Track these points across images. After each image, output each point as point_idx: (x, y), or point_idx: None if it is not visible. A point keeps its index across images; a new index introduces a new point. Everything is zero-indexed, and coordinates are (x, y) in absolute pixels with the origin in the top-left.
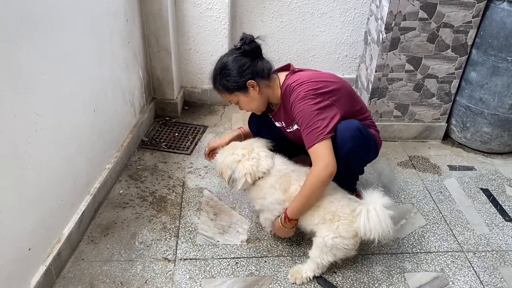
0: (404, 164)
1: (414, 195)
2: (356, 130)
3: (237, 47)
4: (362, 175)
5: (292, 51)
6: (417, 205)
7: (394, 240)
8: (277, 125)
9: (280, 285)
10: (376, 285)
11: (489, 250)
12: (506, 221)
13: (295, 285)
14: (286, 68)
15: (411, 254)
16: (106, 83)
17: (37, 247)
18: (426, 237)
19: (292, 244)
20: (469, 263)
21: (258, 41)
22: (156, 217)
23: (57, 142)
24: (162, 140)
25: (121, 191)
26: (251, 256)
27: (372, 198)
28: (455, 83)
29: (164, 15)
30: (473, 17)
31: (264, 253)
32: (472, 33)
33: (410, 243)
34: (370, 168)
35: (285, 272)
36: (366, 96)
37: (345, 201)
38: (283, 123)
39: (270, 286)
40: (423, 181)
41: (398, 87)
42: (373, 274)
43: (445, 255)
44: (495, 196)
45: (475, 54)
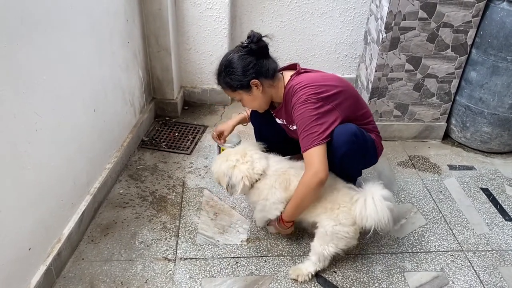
0: (404, 164)
1: (414, 194)
2: (352, 135)
3: (244, 44)
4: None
5: (292, 51)
6: (417, 204)
7: (394, 239)
8: (279, 122)
9: (280, 284)
10: (376, 285)
11: (489, 249)
12: (506, 220)
13: (296, 283)
14: (292, 67)
15: (411, 254)
16: (106, 83)
17: (37, 247)
18: (426, 236)
19: (292, 243)
20: (469, 262)
21: (266, 39)
22: (156, 216)
23: (57, 142)
24: (162, 140)
25: (121, 191)
26: (251, 255)
27: (371, 188)
28: (455, 82)
29: (164, 15)
30: (473, 16)
31: (264, 252)
32: (472, 32)
33: (410, 242)
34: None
35: (285, 271)
36: (366, 96)
37: (345, 190)
38: (284, 121)
39: (270, 286)
40: (423, 180)
41: (398, 86)
42: (373, 274)
43: (445, 255)
44: (495, 195)
45: (475, 54)
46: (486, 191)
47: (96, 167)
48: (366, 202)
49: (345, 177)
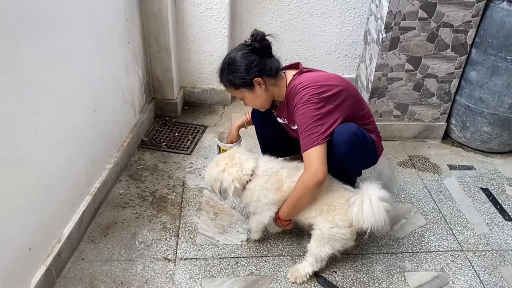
0: (404, 164)
1: (414, 194)
2: (352, 134)
3: (247, 43)
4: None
5: (292, 51)
6: (417, 204)
7: (394, 239)
8: (280, 121)
9: (280, 284)
10: (376, 285)
11: (489, 249)
12: (506, 220)
13: (295, 285)
14: (295, 66)
15: (411, 254)
16: (106, 83)
17: (38, 247)
18: (426, 236)
19: (292, 243)
20: (469, 262)
21: (269, 38)
22: (156, 217)
23: (57, 142)
24: (162, 140)
25: (121, 191)
26: (251, 255)
27: (368, 189)
28: (454, 82)
29: (164, 15)
30: (472, 16)
31: (264, 252)
32: (471, 32)
33: (410, 242)
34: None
35: (285, 271)
36: (366, 95)
37: (340, 191)
38: (286, 120)
39: (270, 286)
40: (423, 180)
41: (398, 86)
42: (373, 274)
43: (445, 255)
44: (495, 195)
45: (475, 54)
46: (486, 191)
47: (96, 167)
48: (362, 204)
49: (344, 177)
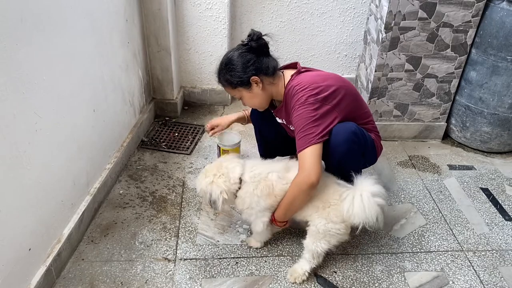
0: (404, 164)
1: (414, 194)
2: (351, 133)
3: (244, 43)
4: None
5: (292, 51)
6: (417, 204)
7: (394, 239)
8: (279, 121)
9: (280, 284)
10: (376, 285)
11: (489, 249)
12: (506, 220)
13: (295, 285)
14: (293, 66)
15: (411, 254)
16: (106, 83)
17: (37, 248)
18: (426, 236)
19: (292, 244)
20: (469, 262)
21: (266, 38)
22: (156, 217)
23: (57, 142)
24: (162, 140)
25: (121, 191)
26: (251, 256)
27: (362, 184)
28: (454, 82)
29: (163, 15)
30: (472, 16)
31: (264, 253)
32: (471, 32)
33: (410, 242)
34: (369, 167)
35: (285, 272)
36: (365, 95)
37: (334, 187)
38: (284, 120)
39: (270, 286)
40: (423, 180)
41: (398, 86)
42: (373, 274)
43: (445, 255)
44: (494, 195)
45: (475, 54)
46: (486, 191)
47: (96, 167)
48: (354, 200)
49: (343, 176)
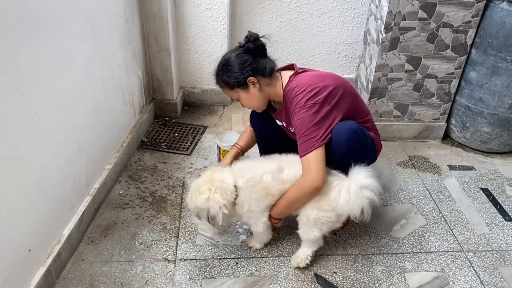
0: (404, 164)
1: (414, 195)
2: (352, 132)
3: (241, 44)
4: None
5: (292, 51)
6: (417, 205)
7: (394, 239)
8: (278, 123)
9: (280, 285)
10: (376, 285)
11: (489, 249)
12: (506, 220)
13: (296, 283)
14: (290, 67)
15: (411, 254)
16: (106, 83)
17: (37, 248)
18: (426, 237)
19: (293, 244)
20: (469, 263)
21: (263, 40)
22: (156, 217)
23: (56, 143)
24: (161, 141)
25: (121, 192)
26: (251, 256)
27: (354, 176)
28: (454, 82)
29: (163, 15)
30: (472, 17)
31: (264, 253)
32: (471, 32)
33: (410, 243)
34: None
35: (285, 272)
36: (365, 96)
37: (329, 179)
38: (284, 123)
39: (270, 286)
40: (423, 181)
41: (398, 87)
42: (373, 274)
43: (445, 255)
44: (495, 195)
45: (475, 54)
46: (486, 191)
47: (96, 167)
48: (341, 191)
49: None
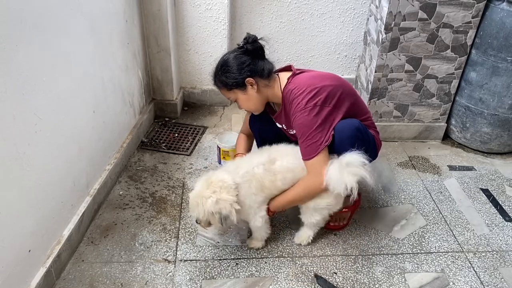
0: (404, 165)
1: (414, 195)
2: (355, 129)
3: (240, 45)
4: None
5: (292, 52)
6: (417, 205)
7: (394, 240)
8: (278, 126)
9: (281, 286)
10: (376, 286)
11: (489, 250)
12: (506, 221)
13: (297, 283)
14: (287, 69)
15: (411, 255)
16: (106, 84)
17: (37, 249)
18: (426, 237)
19: (292, 245)
20: (470, 263)
21: (262, 42)
22: (156, 218)
23: (56, 144)
24: (161, 141)
25: (121, 192)
26: (251, 257)
27: (342, 156)
28: (454, 83)
29: (163, 16)
30: (472, 17)
31: (264, 254)
32: (471, 33)
33: (410, 243)
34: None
35: (285, 272)
36: (365, 96)
37: None
38: (284, 126)
39: (270, 287)
40: (423, 181)
41: (398, 87)
42: (373, 275)
43: (446, 256)
44: (495, 196)
45: (475, 54)
46: (486, 191)
47: (96, 168)
48: (329, 170)
49: None
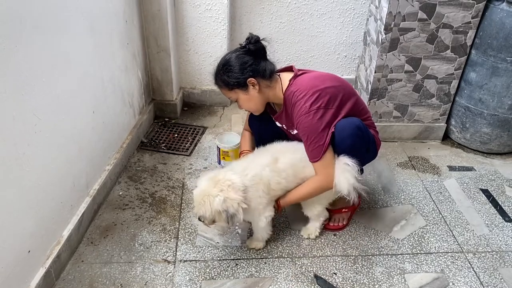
0: (403, 165)
1: (414, 195)
2: (356, 128)
3: (242, 45)
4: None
5: (292, 52)
6: (417, 205)
7: (394, 240)
8: (278, 125)
9: (280, 286)
10: (376, 286)
11: (489, 250)
12: (506, 221)
13: (296, 283)
14: (289, 69)
15: (411, 255)
16: (106, 84)
17: (37, 249)
18: (426, 238)
19: (292, 245)
20: (469, 264)
21: (264, 42)
22: (156, 218)
23: (56, 144)
24: (161, 141)
25: (120, 193)
26: (251, 257)
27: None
28: (454, 83)
29: (163, 16)
30: (472, 17)
31: (264, 254)
32: (471, 33)
33: (410, 244)
34: (369, 168)
35: (285, 273)
36: (365, 96)
37: None
38: (285, 126)
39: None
40: (423, 181)
41: (398, 87)
42: (373, 275)
43: (445, 256)
44: (494, 196)
45: (475, 55)
46: (486, 192)
47: (95, 168)
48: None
49: None
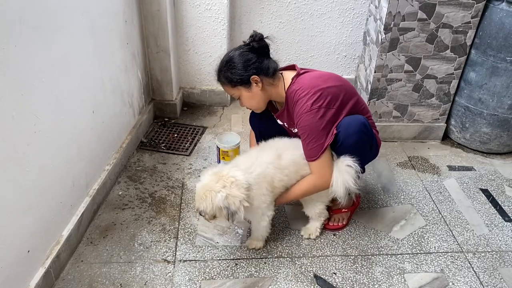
0: (403, 165)
1: (414, 195)
2: (362, 125)
3: (246, 43)
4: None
5: (291, 52)
6: (417, 205)
7: (393, 240)
8: (279, 123)
9: (280, 286)
10: (376, 286)
11: (489, 250)
12: (506, 221)
13: (296, 283)
14: (291, 67)
15: (411, 255)
16: (105, 84)
17: (36, 249)
18: (425, 237)
19: (292, 245)
20: (469, 263)
21: (267, 41)
22: (156, 218)
23: (56, 144)
24: (161, 141)
25: (120, 193)
26: (250, 257)
27: (339, 159)
28: (454, 83)
29: (163, 16)
30: (472, 17)
31: (264, 254)
32: (471, 33)
33: (410, 243)
34: (369, 168)
35: (284, 273)
36: (365, 96)
37: None
38: (286, 124)
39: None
40: (423, 181)
41: (397, 87)
42: (373, 275)
43: (445, 256)
44: (494, 196)
45: (474, 55)
46: (485, 192)
47: (95, 168)
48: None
49: None
